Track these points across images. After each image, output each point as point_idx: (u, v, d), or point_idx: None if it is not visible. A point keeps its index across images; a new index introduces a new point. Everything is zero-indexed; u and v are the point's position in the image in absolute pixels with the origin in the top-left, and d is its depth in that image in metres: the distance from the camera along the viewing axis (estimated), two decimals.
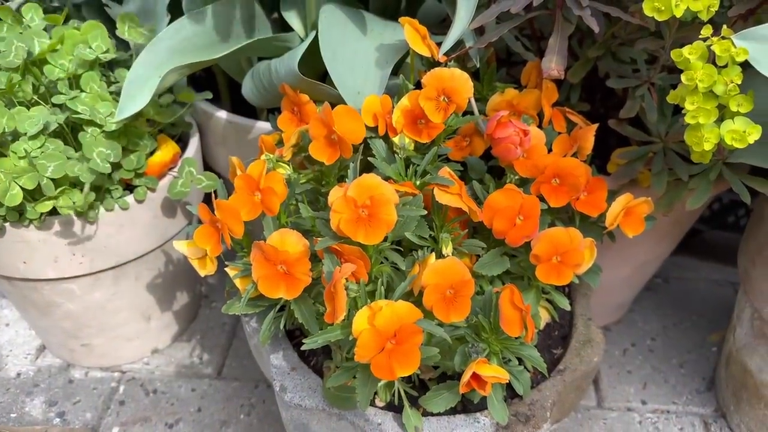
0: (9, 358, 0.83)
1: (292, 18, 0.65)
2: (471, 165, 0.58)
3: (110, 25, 0.75)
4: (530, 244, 0.51)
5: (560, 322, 0.61)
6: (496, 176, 0.58)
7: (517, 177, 0.54)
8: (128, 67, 0.67)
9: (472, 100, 0.58)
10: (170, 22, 0.73)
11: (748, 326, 0.69)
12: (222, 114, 0.73)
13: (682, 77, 0.44)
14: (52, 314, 0.72)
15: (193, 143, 0.72)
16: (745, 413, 0.71)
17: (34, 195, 0.58)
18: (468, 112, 0.58)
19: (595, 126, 0.56)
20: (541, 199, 0.52)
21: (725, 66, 0.43)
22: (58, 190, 0.57)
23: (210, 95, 0.69)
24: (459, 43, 0.57)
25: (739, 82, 0.43)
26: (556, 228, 0.51)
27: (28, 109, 0.59)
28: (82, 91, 0.61)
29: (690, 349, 0.85)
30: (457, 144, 0.59)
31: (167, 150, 0.69)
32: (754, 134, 0.43)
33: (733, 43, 0.43)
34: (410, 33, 0.53)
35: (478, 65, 0.59)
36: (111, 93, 0.63)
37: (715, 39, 0.44)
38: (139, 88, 0.54)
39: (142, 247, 0.69)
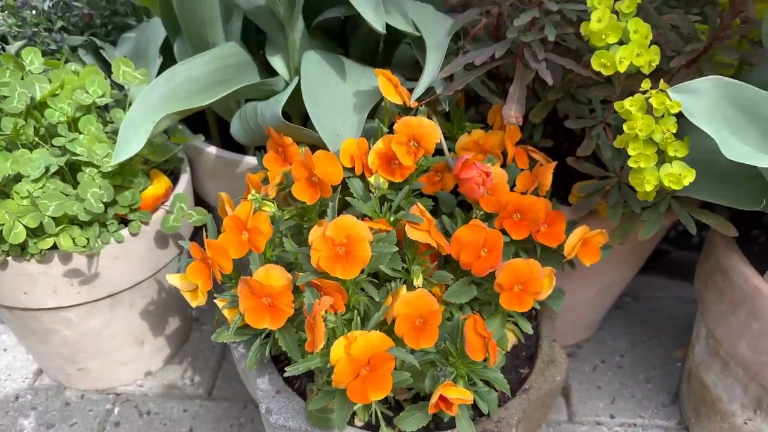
0: (7, 381, 0.86)
1: (277, 62, 0.70)
2: (442, 199, 0.63)
3: (105, 65, 0.80)
4: (494, 273, 0.56)
5: (527, 343, 0.66)
6: (465, 209, 0.63)
7: (482, 212, 0.59)
8: (124, 107, 0.72)
9: (443, 139, 0.64)
10: (162, 63, 0.78)
11: (704, 344, 0.74)
12: (212, 149, 0.78)
13: (624, 126, 0.49)
14: (50, 341, 0.76)
15: (184, 178, 0.77)
16: (705, 426, 0.76)
17: (35, 231, 0.62)
18: (440, 150, 0.63)
19: (553, 164, 0.62)
20: (505, 232, 0.57)
21: (662, 116, 0.49)
22: (59, 228, 0.61)
23: (202, 138, 0.74)
24: (430, 89, 0.63)
25: (675, 131, 0.48)
26: (517, 259, 0.55)
27: (31, 151, 0.64)
28: (80, 133, 0.66)
29: (656, 365, 0.90)
30: (429, 179, 0.64)
31: (160, 184, 0.73)
32: (688, 177, 0.49)
33: (668, 96, 0.48)
34: (384, 83, 0.58)
35: (447, 109, 0.64)
36: (107, 133, 0.68)
37: (653, 91, 0.49)
38: (134, 134, 0.58)
39: (137, 277, 0.73)
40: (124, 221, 0.70)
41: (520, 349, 0.66)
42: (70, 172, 0.66)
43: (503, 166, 0.64)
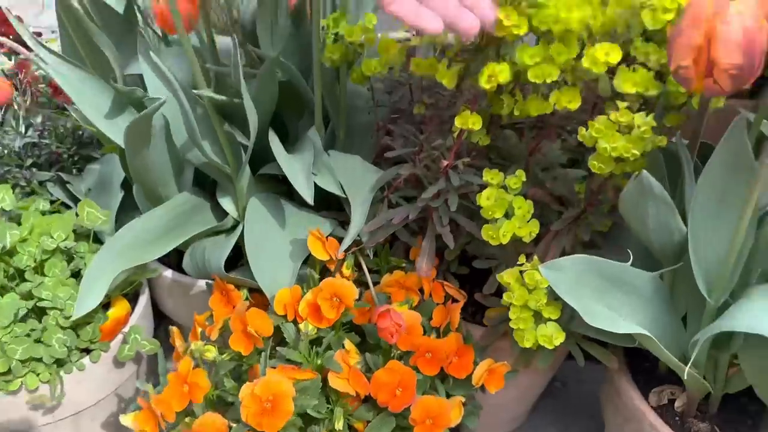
0: None
1: (226, 204, 0.79)
2: (368, 331, 0.72)
3: (72, 197, 0.89)
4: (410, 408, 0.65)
5: None
6: None
7: (398, 351, 0.68)
8: (89, 241, 0.81)
9: (367, 275, 0.73)
10: (123, 196, 0.87)
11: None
12: (168, 273, 0.86)
13: (504, 296, 0.59)
14: None
15: (143, 300, 0.84)
16: None
17: (4, 374, 0.69)
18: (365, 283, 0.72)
19: (461, 303, 0.71)
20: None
21: (535, 288, 0.59)
22: (25, 370, 0.69)
23: (158, 273, 0.83)
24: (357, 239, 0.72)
25: (545, 302, 0.58)
26: (428, 397, 0.64)
27: (1, 296, 0.71)
28: (45, 275, 0.74)
29: None
30: (360, 311, 0.73)
31: (120, 308, 0.81)
32: (559, 338, 0.58)
33: (539, 272, 0.58)
34: (312, 242, 0.68)
35: (372, 257, 0.74)
36: (71, 271, 0.76)
37: (529, 264, 0.59)
38: (92, 289, 0.67)
39: (98, 396, 0.81)
40: (85, 350, 0.78)
41: None
42: (35, 309, 0.73)
43: (422, 300, 0.74)
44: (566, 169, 0.69)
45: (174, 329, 0.73)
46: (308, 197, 0.67)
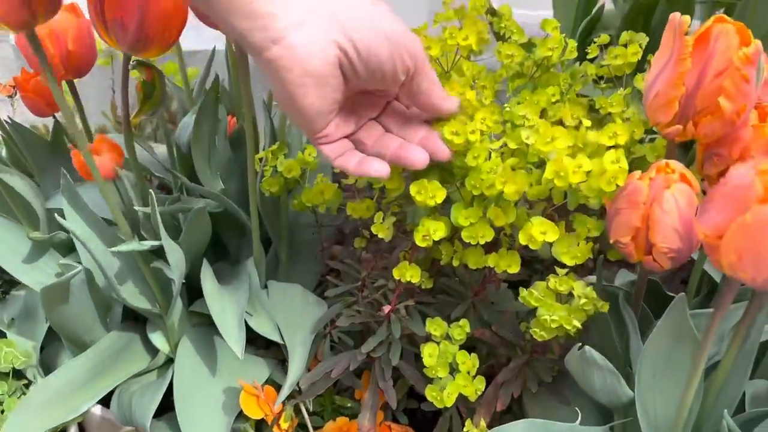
0: None
1: (157, 340, 0.74)
2: None
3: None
4: None
5: None
6: None
7: None
8: (8, 379, 0.74)
9: (308, 421, 0.68)
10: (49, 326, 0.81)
11: None
12: (97, 410, 0.80)
13: None
14: None
15: None
16: None
17: None
18: None
19: None
20: None
21: None
22: None
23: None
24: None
25: None
26: None
27: None
28: None
29: None
30: None
31: None
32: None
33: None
34: (245, 399, 0.63)
35: (311, 409, 0.69)
36: None
37: (476, 430, 0.56)
38: None
39: None
40: None
41: None
42: None
43: None
44: (511, 311, 0.67)
45: None
46: (238, 351, 0.63)
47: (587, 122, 0.52)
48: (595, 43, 0.70)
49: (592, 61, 0.71)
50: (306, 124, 0.49)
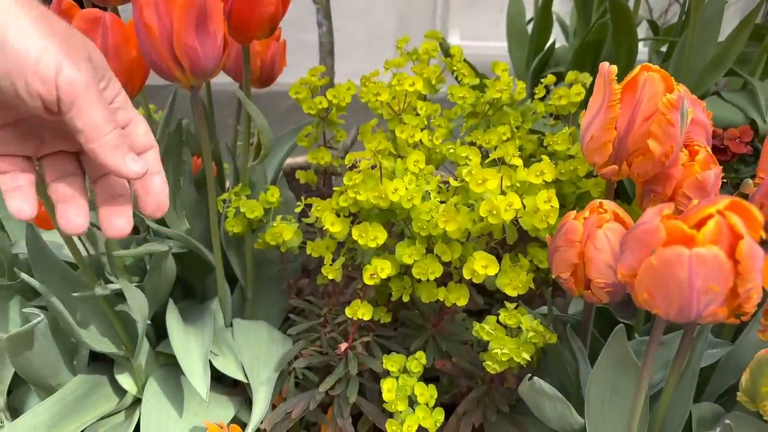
0: None
1: (124, 381, 0.75)
2: None
3: None
4: None
5: None
6: None
7: None
8: None
9: None
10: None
11: None
12: None
13: None
14: None
15: None
16: None
17: None
18: None
19: None
20: None
21: None
22: None
23: None
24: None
25: None
26: None
27: None
28: None
29: None
30: None
31: None
32: None
33: None
34: None
35: None
36: None
37: None
38: None
39: None
40: None
41: None
42: None
43: None
44: (470, 341, 0.69)
45: None
46: (203, 392, 0.64)
47: (518, 161, 0.55)
48: (541, 83, 0.73)
49: (542, 99, 0.75)
50: None
